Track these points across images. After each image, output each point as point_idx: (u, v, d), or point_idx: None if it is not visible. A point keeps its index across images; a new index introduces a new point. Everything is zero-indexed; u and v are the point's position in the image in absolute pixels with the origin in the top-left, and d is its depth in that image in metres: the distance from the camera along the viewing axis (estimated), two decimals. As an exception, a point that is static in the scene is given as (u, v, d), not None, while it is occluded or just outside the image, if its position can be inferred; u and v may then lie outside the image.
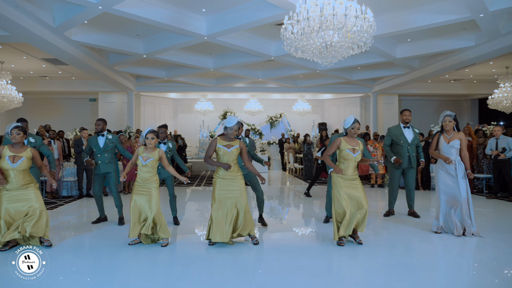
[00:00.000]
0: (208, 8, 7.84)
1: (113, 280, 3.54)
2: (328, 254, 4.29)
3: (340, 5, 4.49)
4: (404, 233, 5.22)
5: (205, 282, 3.47)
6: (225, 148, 4.39)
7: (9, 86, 12.06)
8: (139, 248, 4.40)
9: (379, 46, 9.83)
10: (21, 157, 4.43)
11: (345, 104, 19.30)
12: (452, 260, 4.19)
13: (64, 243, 4.69)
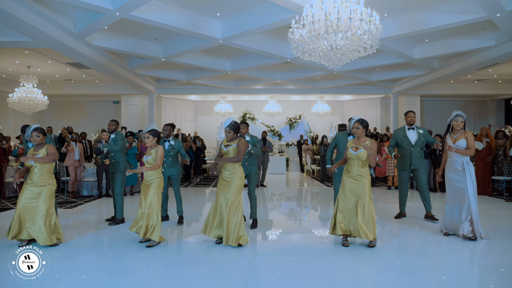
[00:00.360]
0: (222, 12, 7.99)
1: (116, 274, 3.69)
2: (332, 255, 4.33)
3: (346, 9, 4.52)
4: (411, 235, 5.19)
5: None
6: (224, 147, 4.56)
7: (35, 89, 12.61)
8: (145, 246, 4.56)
9: (395, 47, 9.73)
10: (38, 153, 4.70)
11: (365, 105, 19.10)
12: (456, 263, 4.14)
13: (81, 240, 4.91)
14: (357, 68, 12.40)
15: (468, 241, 4.66)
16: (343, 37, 4.58)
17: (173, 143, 5.89)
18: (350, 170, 4.52)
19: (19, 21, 7.01)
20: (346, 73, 13.18)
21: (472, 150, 4.74)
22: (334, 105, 19.33)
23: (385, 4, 7.46)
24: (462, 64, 11.56)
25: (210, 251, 4.42)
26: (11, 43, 8.53)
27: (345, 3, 4.59)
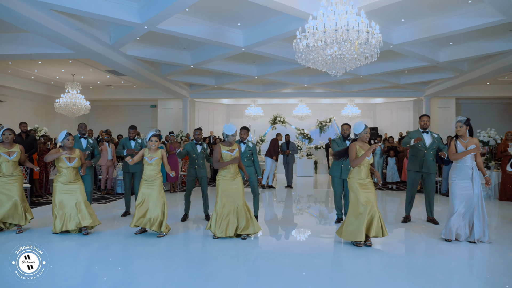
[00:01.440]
0: (243, 22, 8.45)
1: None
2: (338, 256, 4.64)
3: (344, 20, 4.82)
4: (413, 239, 5.36)
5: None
6: (229, 152, 4.97)
7: (79, 95, 13.71)
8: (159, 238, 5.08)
9: (418, 51, 9.75)
10: (75, 158, 5.39)
11: (397, 108, 18.87)
12: (455, 268, 4.31)
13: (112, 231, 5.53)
14: (383, 72, 12.42)
15: (471, 246, 4.78)
16: (342, 47, 4.88)
17: (205, 147, 6.48)
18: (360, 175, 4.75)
19: (61, 36, 7.86)
20: (372, 76, 13.22)
21: (480, 160, 4.86)
22: (365, 108, 19.26)
23: (401, 10, 7.59)
24: (493, 66, 11.29)
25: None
26: (55, 54, 9.49)
27: (344, 15, 4.88)
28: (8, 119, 14.64)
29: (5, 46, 9.40)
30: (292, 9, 6.73)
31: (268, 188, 11.07)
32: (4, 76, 13.81)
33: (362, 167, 4.73)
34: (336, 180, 6.16)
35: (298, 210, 8.16)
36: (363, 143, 4.84)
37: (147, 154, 5.34)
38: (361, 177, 4.72)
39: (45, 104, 17.20)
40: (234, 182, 5.10)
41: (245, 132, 6.25)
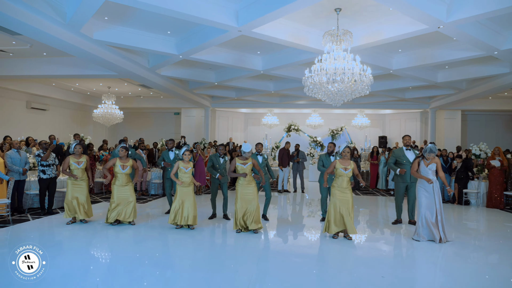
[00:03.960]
0: (262, 51, 9.90)
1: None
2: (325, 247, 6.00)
3: (342, 63, 6.20)
4: (389, 238, 6.65)
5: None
6: (242, 165, 6.37)
7: (114, 106, 15.37)
8: (183, 232, 6.53)
9: (416, 74, 11.00)
10: (127, 166, 6.89)
11: (405, 118, 19.97)
12: (419, 259, 5.61)
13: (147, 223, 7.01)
14: (388, 89, 13.64)
15: (434, 244, 6.05)
16: (339, 86, 6.26)
17: (227, 159, 7.88)
18: (340, 184, 6.12)
19: (107, 62, 9.43)
20: (379, 92, 14.45)
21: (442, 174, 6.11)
22: (375, 118, 20.43)
23: (397, 44, 8.88)
24: (490, 85, 12.40)
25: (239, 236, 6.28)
26: (100, 75, 11.14)
27: (342, 60, 6.26)
28: (50, 126, 16.44)
29: (55, 68, 11.11)
30: (303, 46, 8.15)
31: (284, 192, 12.42)
32: (48, 88, 15.59)
33: (341, 178, 6.08)
34: (323, 187, 7.49)
35: (309, 212, 9.49)
36: (344, 160, 6.19)
37: (182, 165, 6.78)
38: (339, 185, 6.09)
39: (81, 112, 19.00)
40: (249, 188, 6.47)
41: (260, 146, 7.68)
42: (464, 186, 10.39)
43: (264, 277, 4.58)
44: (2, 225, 6.78)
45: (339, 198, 6.08)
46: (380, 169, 13.02)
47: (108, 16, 7.54)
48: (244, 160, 6.50)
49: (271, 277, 4.56)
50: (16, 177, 7.47)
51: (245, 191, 6.41)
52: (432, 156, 6.14)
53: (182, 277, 4.49)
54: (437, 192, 6.08)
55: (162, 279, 4.38)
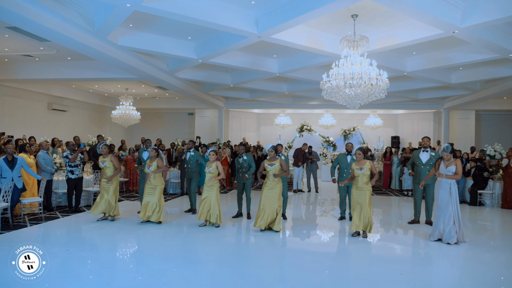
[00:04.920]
0: (278, 54, 10.16)
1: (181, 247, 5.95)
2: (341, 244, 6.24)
3: (359, 68, 6.43)
4: (408, 237, 6.85)
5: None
6: (269, 166, 6.64)
7: (131, 107, 15.77)
8: (208, 230, 6.83)
9: (430, 76, 11.13)
10: (151, 165, 7.22)
11: (418, 119, 20.00)
12: (435, 259, 5.82)
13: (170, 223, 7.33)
14: (402, 90, 13.77)
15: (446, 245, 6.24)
16: (356, 90, 6.50)
17: (245, 158, 8.11)
18: (357, 183, 6.37)
19: (130, 66, 9.80)
20: (393, 93, 14.57)
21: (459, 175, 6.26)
22: (387, 118, 20.51)
23: (412, 47, 9.04)
24: (504, 86, 12.44)
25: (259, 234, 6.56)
26: (121, 78, 11.53)
27: (359, 65, 6.50)
28: (70, 126, 16.94)
29: (78, 71, 11.54)
30: (319, 50, 8.39)
31: (298, 192, 12.67)
32: (69, 90, 16.07)
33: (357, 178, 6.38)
34: (342, 187, 7.74)
35: (322, 212, 9.72)
36: (358, 161, 6.42)
37: (207, 165, 7.10)
38: (356, 184, 6.36)
39: (99, 113, 19.49)
40: (273, 189, 6.73)
41: (280, 147, 7.99)
42: (482, 188, 10.48)
43: (285, 273, 4.85)
44: (35, 222, 7.17)
45: (357, 196, 6.34)
46: (393, 169, 13.18)
47: (133, 24, 7.88)
48: (272, 161, 6.75)
49: (292, 273, 4.82)
50: (47, 177, 7.86)
51: (269, 191, 6.68)
52: (446, 155, 6.28)
53: (208, 271, 4.77)
54: (455, 194, 6.23)
55: (190, 273, 4.66)
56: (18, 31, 8.05)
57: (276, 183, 6.70)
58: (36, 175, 7.37)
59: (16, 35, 8.43)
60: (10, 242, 5.94)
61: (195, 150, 8.82)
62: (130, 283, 4.29)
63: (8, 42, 9.21)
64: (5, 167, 6.81)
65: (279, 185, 6.71)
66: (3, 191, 6.58)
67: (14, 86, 13.42)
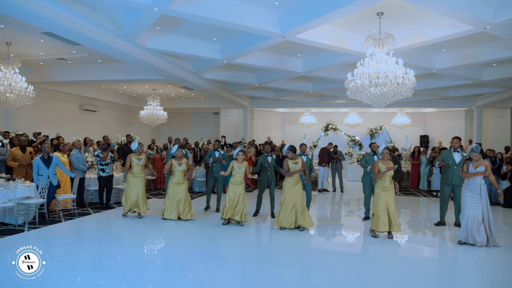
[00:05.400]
0: (302, 54, 10.16)
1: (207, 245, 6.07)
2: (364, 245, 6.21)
3: (385, 67, 6.35)
4: (435, 238, 6.72)
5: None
6: (294, 164, 6.68)
7: (158, 107, 16.13)
8: (230, 227, 6.92)
9: (461, 73, 10.82)
10: (182, 163, 7.40)
11: (448, 117, 19.41)
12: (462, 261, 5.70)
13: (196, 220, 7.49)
14: (431, 88, 13.44)
15: (482, 249, 6.08)
16: (381, 89, 6.42)
17: (275, 158, 8.20)
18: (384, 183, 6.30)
19: (158, 68, 10.06)
20: (421, 91, 14.24)
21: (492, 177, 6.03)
22: (416, 116, 20.03)
23: (441, 44, 8.83)
24: (539, 83, 11.97)
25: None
26: (149, 79, 11.85)
27: (385, 64, 6.41)
28: (99, 126, 17.51)
29: (108, 73, 11.96)
30: (344, 49, 8.34)
31: (323, 191, 12.63)
32: (99, 91, 16.62)
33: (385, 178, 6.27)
34: (366, 187, 7.67)
35: (347, 212, 9.66)
36: (384, 160, 6.33)
37: (236, 164, 7.20)
38: (382, 185, 6.29)
39: (127, 113, 20.05)
40: (296, 187, 6.78)
41: (305, 146, 7.99)
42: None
43: (309, 272, 4.88)
44: (69, 218, 7.50)
45: (385, 197, 6.26)
46: (422, 170, 12.91)
47: (160, 26, 8.09)
48: (294, 159, 6.80)
49: (316, 272, 4.85)
50: (80, 175, 8.20)
51: (292, 190, 6.72)
52: (476, 156, 6.12)
53: (232, 268, 4.88)
54: (485, 195, 6.06)
55: (215, 269, 4.77)
56: (52, 36, 8.43)
57: (297, 180, 6.73)
58: (69, 172, 7.72)
59: (51, 40, 8.83)
60: (46, 236, 6.26)
61: (223, 150, 8.94)
62: (158, 278, 4.44)
63: (43, 46, 9.65)
64: (41, 165, 7.17)
65: (300, 184, 6.74)
66: (40, 188, 6.94)
67: (48, 88, 14.02)
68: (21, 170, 8.09)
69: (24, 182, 7.01)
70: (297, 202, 6.72)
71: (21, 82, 9.21)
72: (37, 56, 10.65)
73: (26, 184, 6.92)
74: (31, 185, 6.94)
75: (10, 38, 9.01)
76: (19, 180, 6.99)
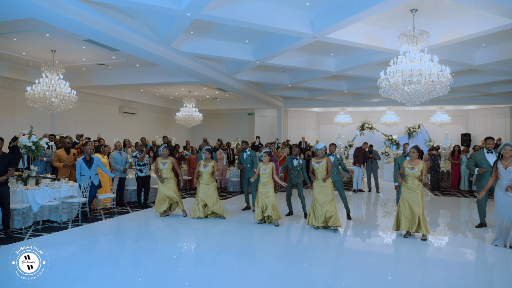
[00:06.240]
0: (335, 53, 10.08)
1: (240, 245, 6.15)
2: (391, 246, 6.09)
3: (419, 64, 6.20)
4: (473, 240, 6.48)
5: (312, 249, 5.77)
6: (316, 164, 6.65)
7: (194, 108, 16.52)
8: (264, 227, 6.99)
9: (503, 68, 10.33)
10: (207, 165, 7.57)
11: (492, 114, 18.53)
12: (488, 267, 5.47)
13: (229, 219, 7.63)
14: (471, 84, 12.91)
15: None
16: (415, 87, 6.27)
17: (301, 162, 8.18)
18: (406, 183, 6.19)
19: (192, 71, 10.34)
20: (461, 88, 13.70)
21: None
22: (457, 114, 19.26)
23: (480, 38, 8.48)
24: None
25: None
26: (184, 82, 12.20)
27: (419, 61, 6.26)
28: (138, 128, 18.17)
29: (146, 77, 12.45)
30: (377, 47, 8.20)
31: (358, 191, 12.44)
32: (137, 94, 17.26)
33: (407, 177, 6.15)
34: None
35: (384, 212, 9.48)
36: (412, 160, 6.19)
37: (262, 166, 7.27)
38: (406, 184, 6.20)
39: (164, 115, 20.65)
40: (323, 188, 6.75)
41: (333, 146, 7.94)
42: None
43: (340, 271, 4.87)
44: (109, 216, 7.88)
45: (407, 197, 6.16)
46: (462, 169, 12.42)
47: (194, 31, 8.32)
48: (319, 159, 6.80)
49: (347, 272, 4.83)
50: (119, 175, 8.58)
51: (320, 190, 6.71)
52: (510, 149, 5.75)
53: (264, 266, 4.96)
54: None
55: (247, 267, 4.88)
56: (93, 43, 8.89)
57: (323, 181, 6.70)
58: (109, 173, 8.10)
59: (92, 46, 9.31)
60: (89, 232, 6.63)
61: (251, 150, 9.05)
62: (192, 274, 4.60)
63: (84, 53, 10.19)
64: (84, 166, 7.59)
65: (330, 182, 6.70)
66: (82, 187, 7.34)
67: (90, 92, 14.74)
68: (65, 171, 8.57)
69: (68, 182, 7.42)
70: (325, 202, 6.65)
71: (65, 87, 9.75)
72: (79, 62, 11.26)
73: (69, 184, 7.33)
74: (74, 184, 7.36)
75: (55, 46, 9.58)
76: (63, 180, 7.39)
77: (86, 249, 5.89)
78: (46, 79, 9.59)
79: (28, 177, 7.05)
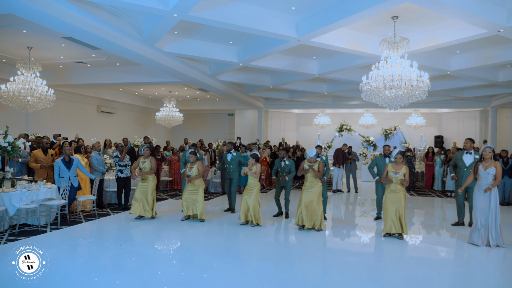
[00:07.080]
0: (317, 56, 10.24)
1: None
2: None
3: (399, 70, 6.41)
4: (450, 238, 6.73)
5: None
6: (307, 167, 6.77)
7: (174, 108, 16.37)
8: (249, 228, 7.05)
9: (476, 74, 10.77)
10: (192, 167, 7.55)
11: (463, 117, 19.24)
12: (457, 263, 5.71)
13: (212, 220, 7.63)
14: (445, 89, 13.35)
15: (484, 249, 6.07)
16: (396, 91, 6.48)
17: (287, 163, 8.23)
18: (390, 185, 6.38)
19: (175, 71, 10.28)
20: (436, 92, 14.15)
21: (500, 179, 6.03)
22: (431, 117, 19.88)
23: (455, 46, 8.80)
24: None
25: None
26: (166, 82, 12.11)
27: (399, 67, 6.47)
28: (117, 127, 17.85)
29: (126, 76, 12.24)
30: (360, 52, 8.40)
31: (337, 192, 12.66)
32: (116, 93, 16.96)
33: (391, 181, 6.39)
34: (379, 188, 7.77)
35: (361, 212, 9.69)
36: (396, 164, 6.41)
37: (249, 167, 7.35)
38: (390, 187, 6.40)
39: (143, 114, 20.36)
40: (311, 190, 6.86)
41: (320, 148, 8.08)
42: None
43: (326, 271, 4.97)
44: (89, 218, 7.73)
45: (390, 198, 6.35)
46: (436, 170, 12.85)
47: (178, 31, 8.28)
48: (312, 162, 6.91)
49: (333, 272, 4.93)
50: (100, 177, 8.42)
51: (308, 192, 6.81)
52: (489, 151, 6.04)
53: (250, 267, 5.00)
54: (494, 195, 6.03)
55: (232, 268, 4.90)
56: (73, 41, 8.69)
57: (314, 182, 6.82)
58: (90, 174, 7.95)
59: (71, 44, 9.10)
60: (69, 236, 6.49)
61: (236, 151, 9.08)
62: (176, 276, 4.59)
63: (63, 50, 9.94)
64: (63, 167, 7.41)
65: (318, 185, 6.82)
66: (61, 189, 7.16)
67: (67, 90, 14.38)
68: (42, 172, 8.34)
69: (46, 184, 7.23)
70: (312, 205, 6.77)
71: (42, 86, 9.47)
72: (57, 60, 10.97)
73: (48, 186, 7.12)
74: (53, 186, 7.18)
75: (32, 43, 9.31)
76: (41, 182, 7.17)
77: (66, 253, 5.74)
78: (22, 77, 9.29)
79: (4, 179, 6.83)
